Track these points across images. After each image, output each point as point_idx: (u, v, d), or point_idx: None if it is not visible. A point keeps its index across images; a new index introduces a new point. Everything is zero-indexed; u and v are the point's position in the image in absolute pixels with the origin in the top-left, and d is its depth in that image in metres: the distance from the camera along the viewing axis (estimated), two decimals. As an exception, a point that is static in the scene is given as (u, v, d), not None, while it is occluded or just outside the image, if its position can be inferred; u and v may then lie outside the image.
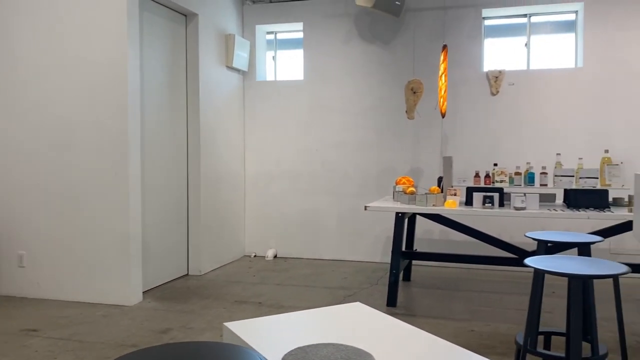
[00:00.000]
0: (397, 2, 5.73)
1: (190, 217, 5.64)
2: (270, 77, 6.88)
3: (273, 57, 6.88)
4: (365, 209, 4.56)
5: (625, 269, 2.24)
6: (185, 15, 5.57)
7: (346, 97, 6.32)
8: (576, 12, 5.80)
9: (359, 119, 6.28)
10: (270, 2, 6.53)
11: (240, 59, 6.28)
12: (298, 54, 6.72)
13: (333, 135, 6.37)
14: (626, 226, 4.28)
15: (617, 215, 4.07)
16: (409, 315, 4.21)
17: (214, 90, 5.90)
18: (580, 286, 2.23)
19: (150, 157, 5.00)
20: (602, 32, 5.53)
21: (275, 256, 6.58)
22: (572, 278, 2.25)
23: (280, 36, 6.86)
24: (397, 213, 4.57)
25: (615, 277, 2.25)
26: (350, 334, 2.12)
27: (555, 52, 5.92)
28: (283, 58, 6.87)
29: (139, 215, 4.61)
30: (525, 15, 5.95)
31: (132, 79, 4.50)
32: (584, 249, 3.01)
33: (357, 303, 2.62)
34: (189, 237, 5.65)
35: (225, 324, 2.25)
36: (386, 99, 6.18)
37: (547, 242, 2.99)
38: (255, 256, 6.64)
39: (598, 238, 2.99)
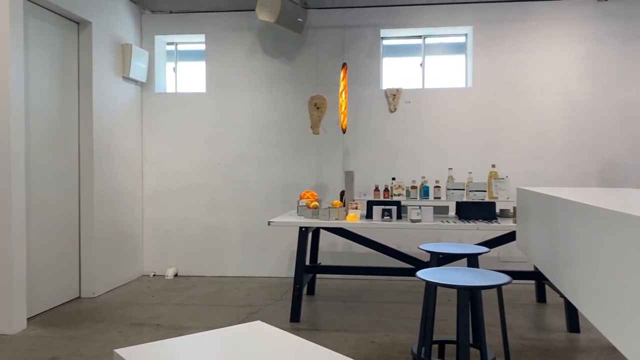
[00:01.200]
0: (299, 19, 5.81)
1: (83, 236, 5.30)
2: (170, 89, 6.68)
3: (174, 68, 6.69)
4: (269, 224, 4.54)
5: (507, 279, 2.40)
6: (78, 23, 5.27)
7: (250, 111, 6.28)
8: (466, 35, 6.20)
9: (263, 133, 6.26)
10: (171, 12, 6.36)
11: (138, 69, 6.04)
12: (200, 66, 6.58)
13: (237, 149, 6.30)
14: (512, 236, 4.60)
15: (503, 226, 4.37)
16: (312, 330, 4.23)
17: (109, 102, 5.62)
18: (468, 297, 2.35)
19: (36, 173, 4.64)
20: (489, 55, 5.96)
21: (176, 275, 6.35)
22: (460, 289, 2.37)
23: (181, 47, 6.70)
24: (300, 227, 4.59)
25: (498, 287, 2.40)
26: (248, 355, 2.07)
27: (448, 72, 6.29)
28: (184, 70, 6.71)
29: (23, 235, 4.26)
30: (420, 37, 6.27)
31: (15, 89, 4.16)
32: (472, 260, 3.19)
33: (258, 322, 2.58)
34: (81, 257, 5.30)
35: (117, 350, 2.11)
36: (290, 114, 6.22)
37: (439, 254, 3.13)
38: (154, 275, 6.37)
39: (484, 249, 3.19)
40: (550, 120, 5.87)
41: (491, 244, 4.68)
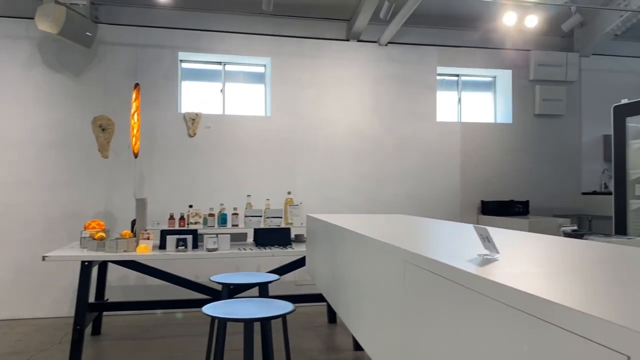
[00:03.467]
0: (87, 33, 5.36)
1: None
2: None
3: None
4: (44, 259, 4.00)
5: (291, 308, 2.43)
6: None
7: (28, 130, 5.55)
8: (265, 65, 6.38)
9: (43, 155, 5.57)
10: None
11: None
12: (-37, 76, 5.64)
13: (10, 173, 5.49)
14: (305, 260, 4.76)
15: (296, 252, 4.50)
16: (94, 376, 3.80)
17: None
18: (252, 329, 2.31)
19: None
20: (286, 86, 6.20)
21: None
22: (246, 322, 2.32)
23: (-62, 52, 5.66)
24: (82, 262, 4.14)
25: (283, 317, 2.41)
26: None
27: (249, 100, 6.38)
28: (-58, 78, 5.68)
29: None
30: (220, 63, 6.26)
31: None
32: (263, 288, 3.19)
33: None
34: None
35: None
36: (77, 135, 5.65)
37: (229, 284, 3.07)
38: None
39: (274, 277, 3.22)
40: (340, 150, 6.30)
41: (287, 269, 4.79)
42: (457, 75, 6.94)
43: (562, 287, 0.98)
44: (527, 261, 1.32)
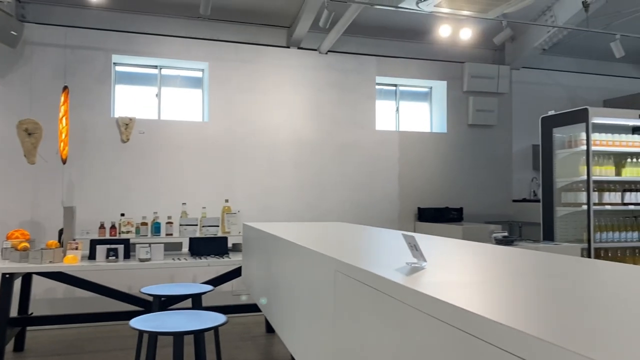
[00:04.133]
0: (12, 32, 5.07)
1: None
2: None
3: None
4: (-42, 272, 3.73)
5: (223, 320, 2.36)
6: None
7: (-57, 134, 5.18)
8: (202, 70, 6.25)
9: (-40, 160, 5.21)
10: None
11: None
12: None
13: None
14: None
15: (233, 261, 4.42)
16: (14, 396, 3.56)
17: None
18: (182, 343, 2.23)
19: None
20: (225, 92, 6.10)
21: None
22: (175, 336, 2.24)
23: None
24: (2, 274, 3.90)
25: (215, 329, 2.34)
26: None
27: (186, 105, 6.23)
28: None
29: None
30: (156, 67, 6.09)
31: None
32: (196, 300, 3.10)
33: None
34: None
35: None
36: (0, 139, 5.32)
37: (160, 296, 2.96)
38: None
39: (208, 287, 3.13)
40: (281, 157, 6.27)
41: (223, 279, 4.70)
42: (395, 85, 7.08)
43: (481, 296, 0.99)
44: (452, 269, 1.34)
